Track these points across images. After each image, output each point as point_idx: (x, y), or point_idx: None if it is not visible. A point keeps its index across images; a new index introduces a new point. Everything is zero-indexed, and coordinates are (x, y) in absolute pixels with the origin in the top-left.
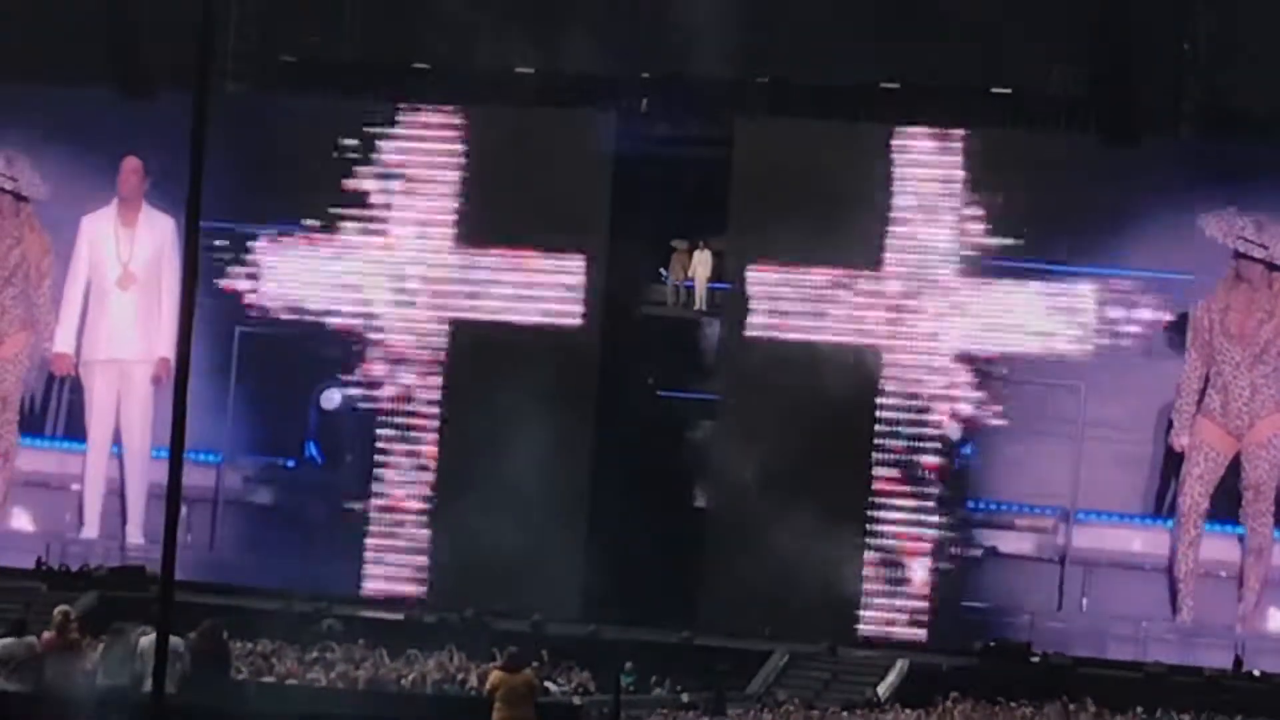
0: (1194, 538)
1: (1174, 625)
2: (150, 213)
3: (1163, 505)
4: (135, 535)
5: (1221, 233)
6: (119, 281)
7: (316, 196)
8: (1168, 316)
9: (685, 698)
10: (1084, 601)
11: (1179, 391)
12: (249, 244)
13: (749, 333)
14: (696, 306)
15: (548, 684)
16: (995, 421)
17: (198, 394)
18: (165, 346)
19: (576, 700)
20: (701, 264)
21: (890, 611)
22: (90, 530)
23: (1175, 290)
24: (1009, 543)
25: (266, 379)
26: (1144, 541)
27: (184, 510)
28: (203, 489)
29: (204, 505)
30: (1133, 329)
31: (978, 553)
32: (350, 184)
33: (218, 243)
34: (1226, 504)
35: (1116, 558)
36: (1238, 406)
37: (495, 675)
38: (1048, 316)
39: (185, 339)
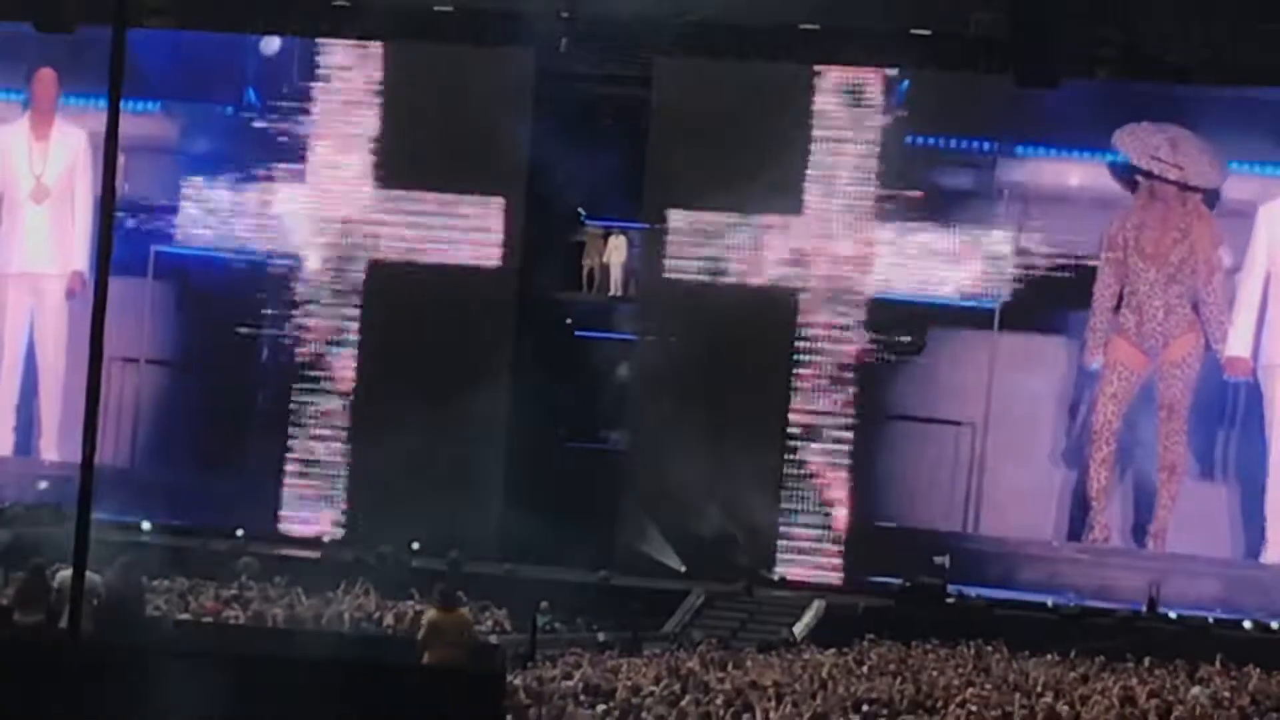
0: (1106, 455)
1: (1086, 545)
2: (63, 126)
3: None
4: (49, 451)
5: (1135, 152)
6: (32, 194)
7: (233, 133)
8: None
9: (601, 637)
10: (1020, 239)
11: (1093, 310)
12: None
13: (667, 273)
14: (612, 292)
15: None
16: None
17: None
18: (79, 260)
19: (493, 639)
20: (616, 250)
21: (807, 553)
22: (3, 447)
23: (1092, 232)
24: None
25: None
26: (1081, 175)
27: (121, 159)
28: (139, 138)
29: (141, 153)
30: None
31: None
32: (271, 121)
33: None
34: None
35: (1054, 192)
36: (1152, 326)
37: (434, 614)
38: (964, 259)
39: (106, 250)
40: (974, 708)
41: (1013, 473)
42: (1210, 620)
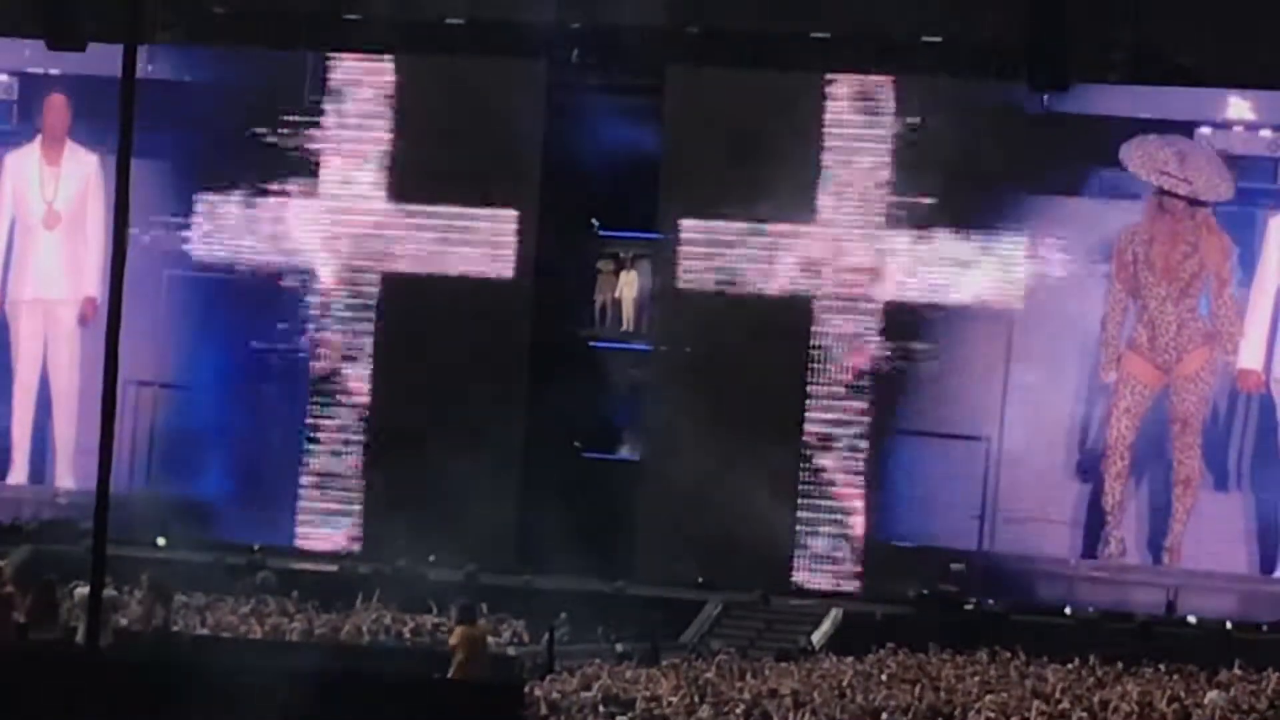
0: (1121, 470)
1: (1102, 562)
2: (75, 150)
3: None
4: (65, 478)
5: (1144, 167)
6: (44, 220)
7: (248, 149)
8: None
9: (619, 648)
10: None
11: (1104, 324)
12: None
13: (680, 284)
14: (624, 327)
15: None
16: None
17: None
18: (92, 286)
19: (510, 651)
20: (628, 284)
21: (824, 559)
22: (18, 475)
23: (1104, 241)
24: None
25: None
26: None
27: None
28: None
29: (154, 173)
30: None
31: None
32: (283, 136)
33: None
34: None
35: None
36: (1165, 340)
37: (461, 631)
38: (978, 267)
39: (118, 272)
40: (992, 715)
41: (1028, 488)
42: (1228, 625)
